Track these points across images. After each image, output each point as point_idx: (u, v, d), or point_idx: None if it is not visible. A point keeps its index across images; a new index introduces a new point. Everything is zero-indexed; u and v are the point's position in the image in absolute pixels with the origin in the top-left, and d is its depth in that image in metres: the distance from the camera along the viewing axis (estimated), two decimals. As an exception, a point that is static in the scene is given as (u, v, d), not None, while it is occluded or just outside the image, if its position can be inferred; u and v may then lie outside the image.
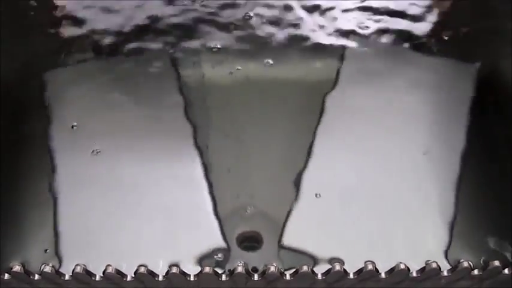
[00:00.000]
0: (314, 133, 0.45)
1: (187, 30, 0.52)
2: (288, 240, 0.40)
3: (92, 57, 0.50)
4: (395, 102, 0.47)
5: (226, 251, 0.39)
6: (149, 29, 0.52)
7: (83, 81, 0.49)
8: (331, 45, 0.51)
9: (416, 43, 0.51)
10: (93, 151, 0.44)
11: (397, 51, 0.50)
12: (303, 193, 0.42)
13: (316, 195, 0.42)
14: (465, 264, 0.32)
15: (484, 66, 0.49)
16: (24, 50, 0.51)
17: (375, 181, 0.43)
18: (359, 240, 0.40)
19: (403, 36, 0.51)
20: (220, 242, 0.40)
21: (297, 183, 0.42)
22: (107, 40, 0.51)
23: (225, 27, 0.52)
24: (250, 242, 0.41)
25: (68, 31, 0.52)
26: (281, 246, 0.40)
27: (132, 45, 0.51)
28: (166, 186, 0.42)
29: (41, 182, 0.42)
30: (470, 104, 0.47)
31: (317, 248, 0.39)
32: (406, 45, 0.51)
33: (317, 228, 0.41)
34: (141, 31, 0.52)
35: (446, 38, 0.51)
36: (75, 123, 0.46)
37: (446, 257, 0.38)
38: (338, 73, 0.48)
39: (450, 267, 0.34)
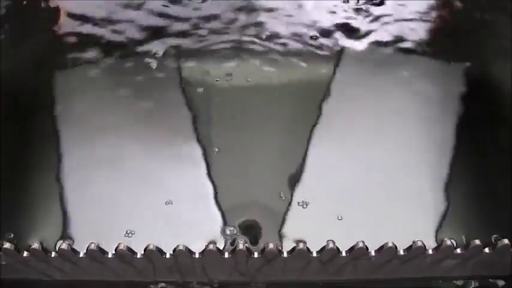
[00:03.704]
0: (312, 130, 0.47)
1: (191, 32, 0.54)
2: (287, 230, 0.41)
3: (99, 57, 0.53)
4: (389, 102, 0.49)
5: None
6: (154, 31, 0.55)
7: (91, 79, 0.51)
8: (328, 47, 0.53)
9: (409, 44, 0.54)
10: (100, 146, 0.46)
11: (391, 52, 0.53)
12: (301, 187, 0.44)
13: (314, 188, 0.44)
14: (448, 242, 0.35)
15: (474, 66, 0.51)
16: (35, 49, 0.54)
17: (372, 175, 0.44)
18: (356, 231, 0.41)
19: (397, 38, 0.54)
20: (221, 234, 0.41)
21: (296, 178, 0.44)
22: (114, 41, 0.54)
23: (227, 28, 0.55)
24: (251, 232, 0.42)
25: (77, 32, 0.55)
26: (280, 237, 0.41)
27: (137, 46, 0.53)
28: (170, 180, 0.44)
29: (49, 172, 0.44)
30: (460, 102, 0.49)
31: (315, 237, 0.39)
32: (400, 46, 0.54)
33: (316, 218, 0.42)
34: (147, 33, 0.54)
35: (437, 40, 0.54)
36: (83, 120, 0.48)
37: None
38: (334, 74, 0.51)
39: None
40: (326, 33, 0.55)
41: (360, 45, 0.54)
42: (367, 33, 0.55)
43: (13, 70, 0.52)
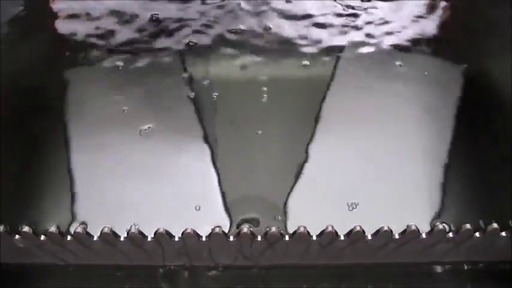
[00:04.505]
0: (314, 126, 0.49)
1: (195, 32, 0.57)
2: (289, 224, 0.43)
3: (107, 56, 0.55)
4: (388, 100, 0.52)
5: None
6: (160, 29, 0.58)
7: (100, 78, 0.54)
8: (329, 45, 0.56)
9: (408, 44, 0.56)
10: (108, 142, 0.48)
11: (390, 52, 0.56)
12: (302, 182, 0.46)
13: (314, 184, 0.46)
14: (440, 226, 0.37)
15: (471, 67, 0.54)
16: (46, 49, 0.57)
17: (372, 171, 0.46)
18: (358, 223, 0.41)
19: (396, 38, 0.57)
20: (226, 224, 0.43)
21: (297, 174, 0.46)
22: (122, 41, 0.57)
23: (230, 28, 0.58)
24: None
25: (86, 32, 0.58)
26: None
27: (144, 45, 0.56)
28: (177, 174, 0.46)
29: (60, 165, 0.47)
30: (459, 100, 0.52)
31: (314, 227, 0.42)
32: (399, 46, 0.56)
33: (316, 210, 0.44)
34: (153, 31, 0.57)
35: (437, 40, 0.57)
36: (91, 116, 0.50)
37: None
38: (335, 72, 0.54)
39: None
40: (326, 32, 0.57)
41: (359, 44, 0.56)
42: (367, 32, 0.57)
43: (23, 70, 0.54)
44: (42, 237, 0.38)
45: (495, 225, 0.37)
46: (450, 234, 0.38)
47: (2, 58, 0.54)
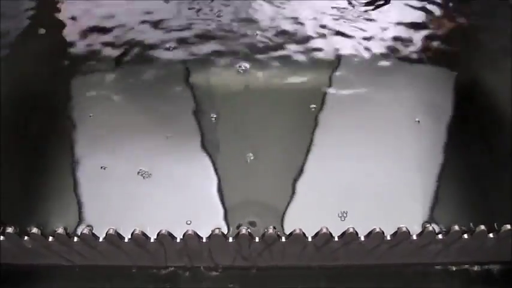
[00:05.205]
0: (312, 133, 0.51)
1: (197, 38, 0.59)
2: (288, 227, 0.45)
3: (113, 66, 0.57)
4: (384, 106, 0.53)
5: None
6: (163, 37, 0.60)
7: (105, 87, 0.55)
8: (328, 53, 0.58)
9: (402, 53, 0.58)
10: (112, 147, 0.50)
11: (385, 60, 0.58)
12: (301, 186, 0.47)
13: (313, 188, 0.47)
14: (430, 228, 0.39)
15: (465, 74, 0.56)
16: (54, 59, 0.58)
17: (370, 176, 0.48)
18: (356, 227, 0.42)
19: (391, 46, 0.59)
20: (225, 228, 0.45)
21: (297, 178, 0.48)
22: (126, 50, 0.59)
23: (231, 34, 0.60)
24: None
25: (93, 42, 0.60)
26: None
27: (147, 53, 0.58)
28: (178, 179, 0.48)
29: (65, 174, 0.48)
30: (451, 105, 0.53)
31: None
32: (394, 54, 0.58)
33: (314, 215, 0.46)
34: (157, 42, 0.59)
35: (431, 48, 0.59)
36: (97, 122, 0.52)
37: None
38: (333, 78, 0.55)
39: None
40: (324, 40, 0.59)
41: (356, 52, 0.58)
42: (364, 40, 0.59)
43: (33, 75, 0.56)
44: (50, 239, 0.39)
45: (482, 227, 0.39)
46: (440, 236, 0.39)
47: (2, 61, 0.56)
